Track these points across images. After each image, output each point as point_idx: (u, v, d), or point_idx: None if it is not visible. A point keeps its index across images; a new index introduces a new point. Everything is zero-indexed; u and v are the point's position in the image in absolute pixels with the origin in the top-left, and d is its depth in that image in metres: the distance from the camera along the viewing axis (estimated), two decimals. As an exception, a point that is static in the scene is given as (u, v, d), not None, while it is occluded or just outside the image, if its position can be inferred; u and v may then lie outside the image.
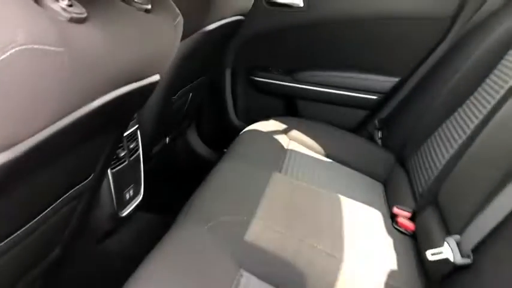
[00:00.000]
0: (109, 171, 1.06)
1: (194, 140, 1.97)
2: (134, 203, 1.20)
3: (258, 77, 1.83)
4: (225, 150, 1.38)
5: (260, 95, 1.87)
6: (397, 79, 1.66)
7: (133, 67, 0.68)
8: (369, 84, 1.70)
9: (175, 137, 1.68)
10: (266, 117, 1.64)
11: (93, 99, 0.61)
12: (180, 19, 0.84)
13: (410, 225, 1.14)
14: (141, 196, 1.23)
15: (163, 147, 1.54)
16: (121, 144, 1.10)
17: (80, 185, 0.88)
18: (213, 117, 1.97)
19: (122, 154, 1.10)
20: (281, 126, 1.56)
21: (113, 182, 1.08)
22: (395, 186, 1.37)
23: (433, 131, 1.35)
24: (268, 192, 1.12)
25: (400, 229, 1.15)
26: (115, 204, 1.10)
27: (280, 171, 1.30)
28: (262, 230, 0.98)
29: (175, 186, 1.64)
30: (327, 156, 1.50)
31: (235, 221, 0.99)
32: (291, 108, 1.85)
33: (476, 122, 1.12)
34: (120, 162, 1.10)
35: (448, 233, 0.93)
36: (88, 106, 0.60)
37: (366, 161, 1.51)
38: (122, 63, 0.63)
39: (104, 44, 0.58)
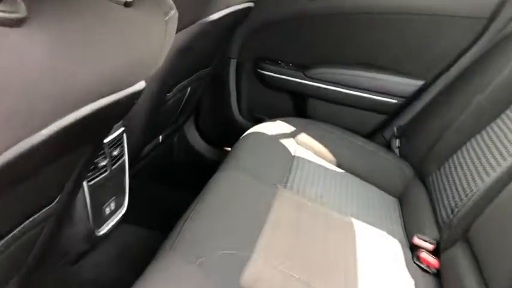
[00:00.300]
0: (85, 183, 0.90)
1: (192, 135, 1.82)
2: (115, 218, 1.03)
3: (265, 71, 1.68)
4: (226, 148, 1.23)
5: (267, 91, 1.73)
6: (420, 82, 1.52)
7: (102, 81, 0.51)
8: (388, 86, 1.55)
9: (170, 133, 1.52)
10: (271, 116, 1.51)
11: (40, 129, 0.44)
12: (174, 13, 0.67)
13: (434, 262, 0.99)
14: (124, 209, 1.07)
15: (155, 146, 1.38)
16: (102, 152, 0.93)
17: (44, 209, 0.72)
18: (214, 112, 1.83)
19: (103, 163, 0.94)
20: (289, 128, 1.41)
21: (90, 196, 0.91)
22: (414, 207, 1.24)
23: (460, 145, 1.21)
24: (272, 217, 0.97)
25: (422, 265, 1.00)
26: (91, 221, 0.94)
27: (286, 185, 1.16)
28: (262, 269, 0.83)
29: (168, 190, 1.49)
30: (338, 165, 1.37)
31: (231, 256, 0.84)
32: (300, 108, 1.71)
33: None
34: (99, 172, 0.94)
35: (488, 290, 0.77)
36: (32, 138, 0.44)
37: (380, 173, 1.38)
38: (83, 78, 0.46)
39: (54, 56, 0.41)
